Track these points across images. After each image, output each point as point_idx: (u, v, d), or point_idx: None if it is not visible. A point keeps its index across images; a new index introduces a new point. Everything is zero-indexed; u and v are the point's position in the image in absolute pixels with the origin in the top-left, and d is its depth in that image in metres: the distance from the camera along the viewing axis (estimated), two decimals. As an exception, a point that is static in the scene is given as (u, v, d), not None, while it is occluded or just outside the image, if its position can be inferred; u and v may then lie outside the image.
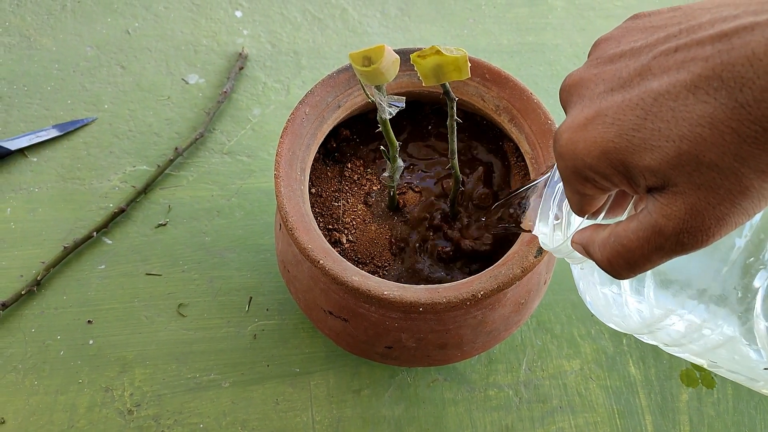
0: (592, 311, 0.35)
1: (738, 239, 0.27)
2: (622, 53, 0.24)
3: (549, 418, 0.52)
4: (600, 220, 0.29)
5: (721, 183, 0.21)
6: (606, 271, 0.26)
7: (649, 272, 0.29)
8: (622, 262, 0.25)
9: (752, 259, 0.27)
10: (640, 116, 0.22)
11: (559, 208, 0.33)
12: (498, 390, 0.53)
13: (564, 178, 0.26)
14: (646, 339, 0.33)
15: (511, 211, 0.37)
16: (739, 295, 0.27)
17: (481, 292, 0.37)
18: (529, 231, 0.36)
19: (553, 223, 0.34)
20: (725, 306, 0.28)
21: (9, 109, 0.63)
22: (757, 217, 0.26)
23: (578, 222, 0.30)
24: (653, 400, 0.53)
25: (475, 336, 0.43)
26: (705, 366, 0.32)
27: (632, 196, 0.28)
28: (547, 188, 0.34)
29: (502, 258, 0.39)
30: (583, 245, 0.28)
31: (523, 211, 0.36)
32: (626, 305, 0.32)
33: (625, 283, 0.32)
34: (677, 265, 0.28)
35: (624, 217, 0.28)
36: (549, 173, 0.34)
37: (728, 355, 0.29)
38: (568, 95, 0.26)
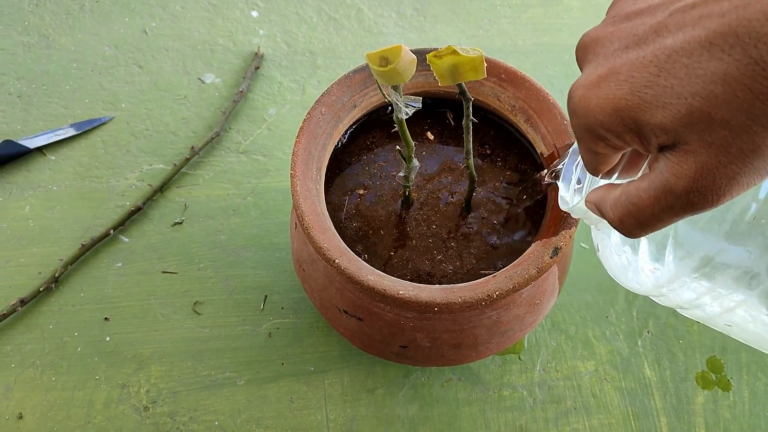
0: (609, 273, 0.35)
1: (753, 203, 0.27)
2: (639, 11, 0.24)
3: (563, 419, 0.52)
4: (614, 180, 0.29)
5: (732, 141, 0.21)
6: (617, 230, 0.26)
7: (670, 238, 0.30)
8: (633, 221, 0.25)
9: (765, 220, 0.27)
10: (653, 73, 0.22)
11: (583, 173, 0.34)
12: (512, 390, 0.53)
13: (577, 137, 0.26)
14: (662, 301, 0.33)
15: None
16: (753, 256, 0.27)
17: (497, 293, 0.37)
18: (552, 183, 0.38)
19: (574, 188, 0.35)
20: (738, 270, 0.28)
21: (28, 108, 0.64)
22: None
23: (596, 185, 0.30)
24: (668, 402, 0.53)
25: (489, 336, 0.43)
26: (721, 329, 0.32)
27: (647, 157, 0.28)
28: (571, 153, 0.35)
29: (518, 258, 0.39)
30: (596, 204, 0.28)
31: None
32: (641, 271, 0.32)
33: (643, 247, 0.32)
34: (689, 230, 0.29)
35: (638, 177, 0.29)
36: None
37: (742, 319, 0.29)
38: (584, 53, 0.26)
